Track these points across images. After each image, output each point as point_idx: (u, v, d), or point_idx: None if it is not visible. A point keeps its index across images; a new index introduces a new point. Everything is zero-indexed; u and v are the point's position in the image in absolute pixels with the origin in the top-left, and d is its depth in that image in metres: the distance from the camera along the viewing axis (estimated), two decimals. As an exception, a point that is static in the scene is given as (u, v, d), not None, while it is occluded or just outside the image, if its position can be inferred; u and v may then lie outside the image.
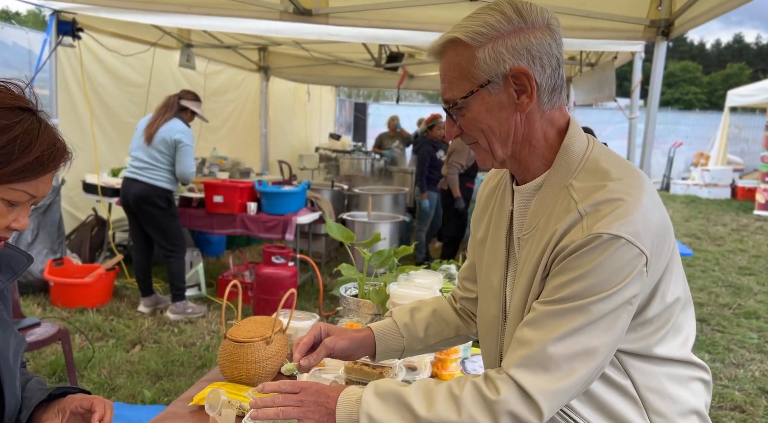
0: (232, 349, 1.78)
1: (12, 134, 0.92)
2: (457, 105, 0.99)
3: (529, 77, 0.96)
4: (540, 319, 0.95)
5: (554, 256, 0.96)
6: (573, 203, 0.96)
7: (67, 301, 4.55)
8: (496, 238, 1.15)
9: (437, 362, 1.95)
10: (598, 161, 1.01)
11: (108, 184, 5.07)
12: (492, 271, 1.15)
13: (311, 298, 5.10)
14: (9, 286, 1.13)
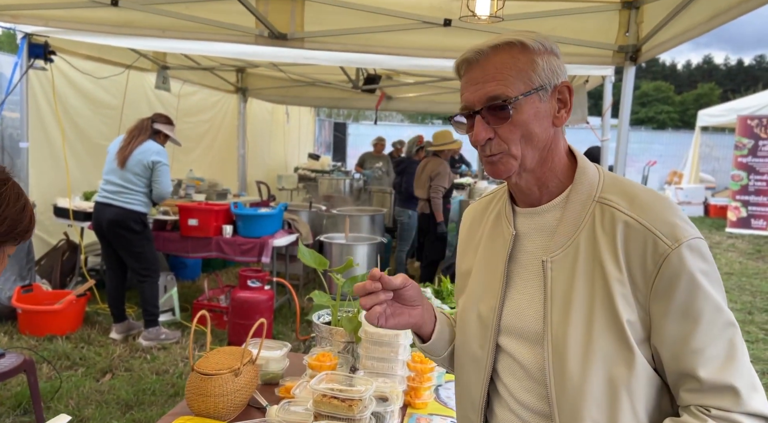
0: (199, 382, 1.74)
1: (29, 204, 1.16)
2: (512, 101, 0.97)
3: (571, 93, 1.01)
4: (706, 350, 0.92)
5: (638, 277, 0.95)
6: (624, 216, 0.97)
7: (35, 329, 4.42)
8: (489, 266, 1.12)
9: (410, 391, 1.93)
10: (614, 177, 1.05)
11: (80, 207, 4.98)
12: (480, 302, 1.12)
13: (288, 322, 5.03)
14: None
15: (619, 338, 0.95)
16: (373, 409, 1.50)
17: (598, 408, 0.96)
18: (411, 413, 1.88)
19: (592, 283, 0.97)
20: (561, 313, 0.99)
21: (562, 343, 0.98)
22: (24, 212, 1.14)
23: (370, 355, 1.87)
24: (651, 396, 0.97)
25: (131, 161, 4.23)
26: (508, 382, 1.08)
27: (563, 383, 0.98)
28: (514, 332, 1.07)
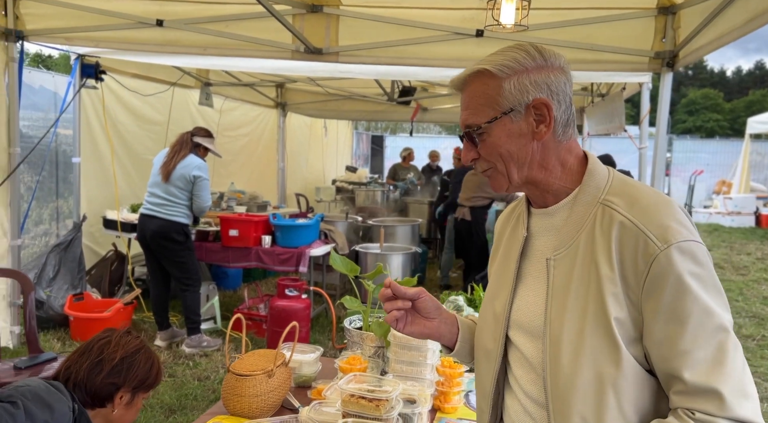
0: (234, 383, 1.81)
1: (158, 362, 1.59)
2: (480, 129, 1.06)
3: (549, 108, 1.04)
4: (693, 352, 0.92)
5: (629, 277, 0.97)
6: (621, 217, 1.00)
7: (86, 336, 4.62)
8: (504, 264, 1.19)
9: (440, 395, 1.95)
10: (624, 179, 1.08)
11: (128, 219, 5.19)
12: (496, 299, 1.18)
13: (325, 331, 5.10)
14: None
15: (607, 336, 0.97)
16: (400, 410, 1.53)
17: (585, 402, 0.98)
18: (440, 417, 1.89)
19: (588, 281, 1.00)
20: (558, 310, 1.03)
21: (558, 338, 1.02)
22: (151, 370, 1.57)
23: (399, 358, 1.90)
24: (642, 396, 0.98)
25: (174, 175, 4.40)
26: (517, 374, 1.13)
27: (556, 376, 1.01)
28: (521, 327, 1.12)
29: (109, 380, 1.50)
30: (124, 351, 1.54)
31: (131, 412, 1.53)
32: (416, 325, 1.22)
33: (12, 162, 4.20)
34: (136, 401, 1.55)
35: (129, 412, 1.53)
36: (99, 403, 1.51)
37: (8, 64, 4.10)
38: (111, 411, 1.52)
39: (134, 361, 1.52)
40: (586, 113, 6.87)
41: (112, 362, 1.51)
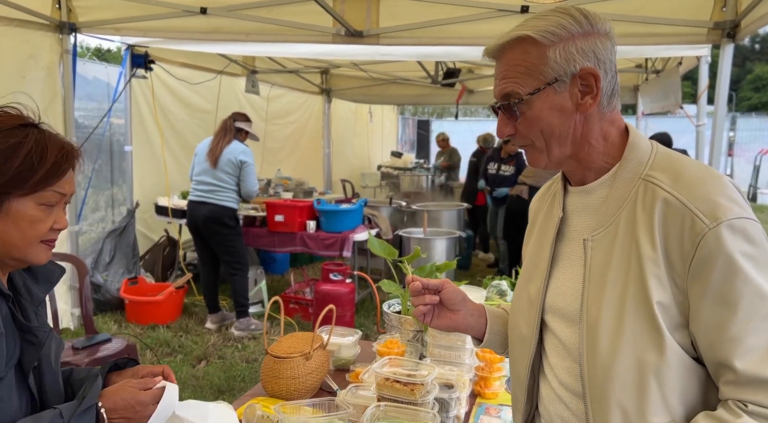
0: (272, 365, 1.82)
1: (26, 149, 1.05)
2: (521, 101, 0.98)
3: (597, 78, 0.97)
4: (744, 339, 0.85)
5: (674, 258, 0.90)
6: (664, 193, 0.92)
7: (140, 318, 4.81)
8: (539, 246, 1.13)
9: (480, 380, 1.91)
10: (668, 153, 1.00)
11: (178, 206, 5.34)
12: (530, 283, 1.13)
13: (370, 315, 5.12)
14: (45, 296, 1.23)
15: (649, 321, 0.90)
16: (436, 394, 1.50)
17: (625, 391, 0.92)
18: (480, 403, 1.85)
19: (628, 262, 0.94)
20: (596, 294, 0.97)
21: (595, 324, 0.96)
22: (7, 163, 1.04)
23: (437, 343, 1.86)
24: (688, 386, 0.91)
25: (222, 161, 4.49)
26: (553, 362, 1.08)
27: (594, 364, 0.95)
28: (556, 311, 1.06)
29: None
30: None
31: (19, 225, 1.05)
32: (443, 318, 1.20)
33: (68, 151, 4.37)
34: (16, 209, 1.05)
35: (14, 226, 1.05)
36: None
37: (63, 56, 4.26)
38: None
39: None
40: (640, 91, 6.57)
41: None
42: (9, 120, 1.08)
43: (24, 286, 1.18)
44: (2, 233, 1.06)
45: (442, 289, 1.18)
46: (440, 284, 1.18)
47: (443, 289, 1.18)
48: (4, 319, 1.04)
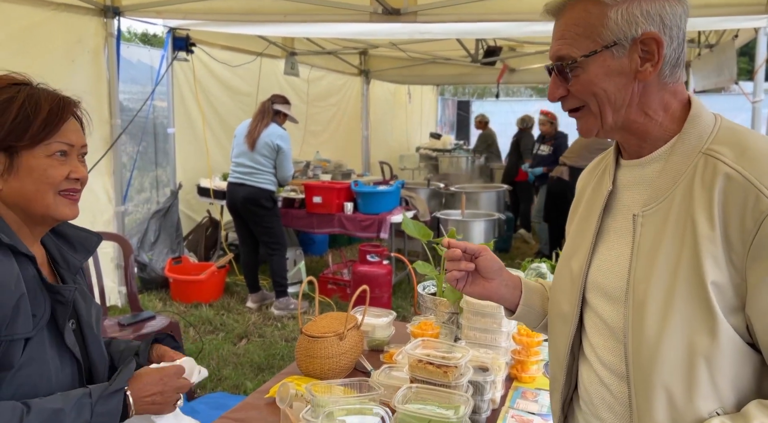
0: (307, 344, 1.83)
1: (18, 102, 1.08)
2: (575, 63, 0.94)
3: (660, 44, 0.91)
4: None
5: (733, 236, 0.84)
6: (727, 168, 0.86)
7: (184, 297, 4.95)
8: (585, 221, 1.09)
9: (516, 364, 1.87)
10: (733, 127, 0.94)
11: (220, 187, 5.43)
12: (573, 258, 1.09)
13: (407, 296, 5.12)
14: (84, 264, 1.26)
15: (701, 302, 0.85)
16: (470, 377, 1.47)
17: (672, 375, 0.87)
18: (516, 386, 1.82)
19: (682, 240, 0.88)
20: (645, 272, 0.92)
21: (642, 303, 0.91)
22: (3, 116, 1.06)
23: (472, 325, 1.83)
24: (741, 373, 0.86)
25: (259, 143, 4.53)
26: (594, 342, 1.03)
27: (639, 345, 0.91)
28: (599, 289, 1.02)
29: None
30: None
31: (33, 178, 1.07)
32: (476, 285, 1.18)
33: (113, 133, 4.50)
34: (26, 163, 1.07)
35: (29, 180, 1.07)
36: None
37: (107, 40, 4.35)
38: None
39: None
40: (692, 67, 6.26)
41: None
42: (2, 79, 1.11)
43: (59, 254, 1.21)
44: (20, 190, 1.08)
45: (480, 255, 1.16)
46: (479, 250, 1.16)
47: (480, 256, 1.16)
48: (29, 280, 1.06)
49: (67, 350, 1.12)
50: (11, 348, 1.01)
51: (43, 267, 1.16)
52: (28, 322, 1.03)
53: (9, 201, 1.09)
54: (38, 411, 0.98)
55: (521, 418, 1.62)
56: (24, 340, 1.03)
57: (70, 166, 1.11)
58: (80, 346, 1.17)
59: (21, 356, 1.03)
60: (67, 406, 1.01)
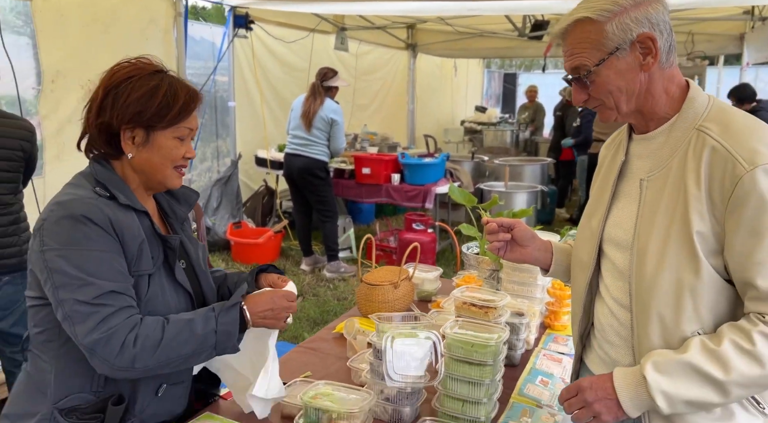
0: (366, 291, 2.14)
1: (163, 90, 1.29)
2: (590, 72, 1.14)
3: (654, 40, 1.12)
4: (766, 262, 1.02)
5: (715, 196, 1.06)
6: (713, 141, 1.08)
7: (244, 258, 5.37)
8: (603, 186, 1.33)
9: (550, 314, 2.14)
10: (722, 107, 1.16)
11: (275, 158, 5.79)
12: (593, 217, 1.33)
13: (450, 264, 5.39)
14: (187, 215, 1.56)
15: (688, 248, 1.08)
16: (507, 319, 1.74)
17: (664, 304, 1.12)
18: (549, 333, 2.08)
19: (676, 200, 1.11)
20: (647, 225, 1.16)
21: (644, 249, 1.15)
22: (151, 100, 1.27)
23: (511, 279, 2.09)
24: (718, 302, 1.09)
25: (315, 118, 4.85)
26: (607, 282, 1.28)
27: (640, 282, 1.15)
28: (612, 240, 1.26)
29: (98, 120, 1.29)
30: (108, 84, 1.30)
31: (161, 153, 1.30)
32: (514, 252, 1.45)
33: (181, 107, 4.87)
34: (158, 141, 1.30)
35: (157, 154, 1.30)
36: (114, 152, 1.33)
37: (176, 19, 4.70)
38: (127, 156, 1.31)
39: (119, 92, 1.28)
40: (746, 40, 6.17)
41: (96, 101, 1.30)
42: (148, 67, 1.32)
43: (168, 207, 1.50)
44: (147, 160, 1.32)
45: (514, 227, 1.42)
46: (513, 223, 1.42)
47: (515, 228, 1.42)
48: (146, 230, 1.34)
49: (180, 285, 1.40)
50: (140, 282, 1.31)
51: (155, 218, 1.44)
52: (149, 262, 1.33)
53: (136, 167, 1.35)
54: (175, 321, 1.28)
55: (552, 356, 1.89)
56: (148, 276, 1.32)
57: (186, 147, 1.35)
58: (192, 281, 1.45)
59: (147, 290, 1.32)
60: (197, 317, 1.30)
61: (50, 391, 1.28)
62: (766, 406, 1.11)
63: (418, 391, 1.48)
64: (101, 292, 1.20)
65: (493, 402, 1.48)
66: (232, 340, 1.30)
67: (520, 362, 1.83)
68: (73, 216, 1.22)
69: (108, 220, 1.25)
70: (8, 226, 2.32)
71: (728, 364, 1.03)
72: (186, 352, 1.25)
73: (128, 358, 1.19)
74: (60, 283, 1.20)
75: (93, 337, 1.18)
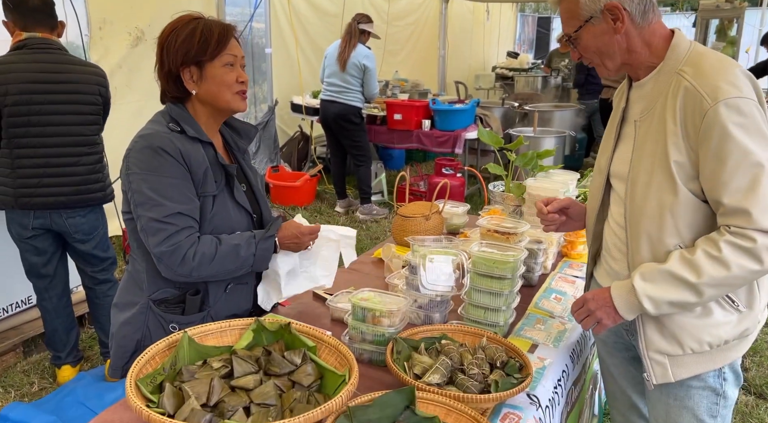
0: (400, 222, 2.39)
1: (200, 29, 1.53)
2: (572, 37, 1.38)
3: (619, 8, 1.32)
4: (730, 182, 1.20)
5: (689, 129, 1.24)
6: (686, 82, 1.25)
7: (282, 200, 5.68)
8: (610, 129, 1.54)
9: (567, 244, 2.36)
10: (699, 51, 1.33)
11: (310, 104, 5.99)
12: (602, 157, 1.55)
13: (477, 208, 5.61)
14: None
15: (668, 175, 1.29)
16: (526, 245, 1.97)
17: (650, 223, 1.34)
18: (566, 260, 2.31)
19: (657, 135, 1.32)
20: (638, 159, 1.37)
21: (636, 179, 1.37)
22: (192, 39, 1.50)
23: (532, 212, 2.28)
24: (695, 220, 1.30)
25: (349, 64, 5.01)
26: (612, 210, 1.51)
27: (632, 205, 1.38)
28: (616, 174, 1.47)
29: (164, 71, 1.56)
30: (161, 40, 1.56)
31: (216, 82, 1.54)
32: (567, 225, 1.69)
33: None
34: (210, 72, 1.54)
35: (213, 83, 1.54)
36: (183, 94, 1.58)
37: (215, -32, 4.85)
38: (193, 93, 1.57)
39: (169, 41, 1.53)
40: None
41: (158, 56, 1.57)
42: (186, 17, 1.57)
43: (232, 140, 1.76)
44: (208, 91, 1.55)
45: (569, 208, 1.65)
46: (567, 204, 1.65)
47: (569, 208, 1.65)
48: (211, 159, 1.60)
49: (241, 206, 1.67)
50: (206, 202, 1.57)
51: (220, 150, 1.70)
52: (213, 186, 1.59)
53: (203, 101, 1.60)
54: (226, 242, 1.55)
55: (566, 278, 2.13)
56: (212, 197, 1.59)
57: (237, 73, 1.56)
58: (252, 203, 1.72)
59: (212, 208, 1.59)
60: (242, 242, 1.57)
61: (145, 286, 1.60)
62: (740, 304, 1.34)
63: (446, 300, 1.74)
64: (170, 213, 1.48)
65: (511, 310, 1.73)
66: (266, 262, 1.63)
67: (537, 283, 2.08)
68: (152, 147, 1.49)
69: (179, 151, 1.51)
70: (95, 164, 2.62)
71: (700, 269, 1.24)
72: (230, 269, 1.56)
73: (188, 269, 1.49)
74: (139, 202, 1.49)
75: (161, 249, 1.47)
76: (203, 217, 1.57)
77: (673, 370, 1.38)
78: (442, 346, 1.48)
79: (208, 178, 1.57)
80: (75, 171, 2.55)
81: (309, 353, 1.36)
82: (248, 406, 1.19)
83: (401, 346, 1.46)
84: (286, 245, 1.67)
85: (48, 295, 2.71)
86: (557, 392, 1.54)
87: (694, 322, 1.35)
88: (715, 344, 1.35)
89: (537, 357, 1.60)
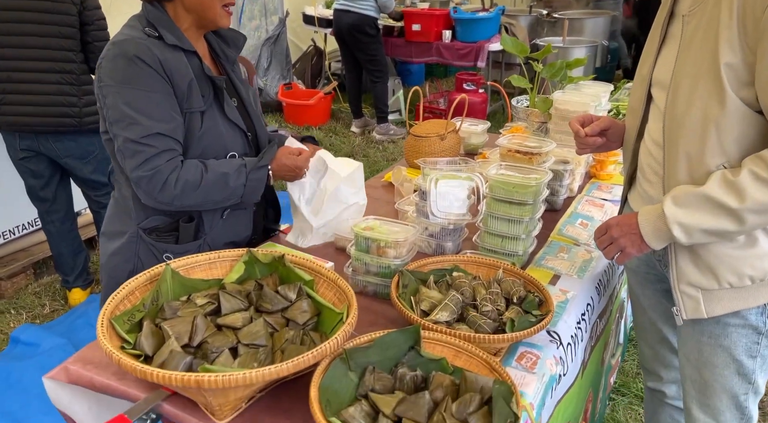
0: (413, 143, 2.20)
1: None
2: None
3: None
4: None
5: (748, 23, 1.03)
6: None
7: (296, 120, 5.48)
8: (654, 29, 1.29)
9: (596, 164, 2.16)
10: None
11: (323, 15, 5.62)
12: (644, 64, 1.32)
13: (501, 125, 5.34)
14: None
15: (715, 80, 1.07)
16: (551, 166, 1.77)
17: (690, 141, 1.14)
18: (594, 181, 2.12)
19: (708, 31, 1.09)
20: (683, 63, 1.15)
21: (678, 86, 1.15)
22: None
23: (558, 129, 2.09)
24: (746, 134, 1.09)
25: (362, -30, 4.61)
26: (650, 126, 1.30)
27: (671, 119, 1.18)
28: (657, 83, 1.26)
29: None
30: None
31: None
32: (602, 146, 1.49)
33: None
34: None
35: None
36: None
37: None
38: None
39: None
40: None
41: None
42: None
43: (219, 48, 1.57)
44: (197, 3, 1.40)
45: (608, 129, 1.43)
46: (608, 125, 1.43)
47: (609, 129, 1.43)
48: (195, 69, 1.42)
49: (233, 122, 1.50)
50: (192, 119, 1.41)
51: (207, 60, 1.51)
52: (200, 100, 1.41)
53: (188, 6, 1.41)
54: (213, 170, 1.40)
55: (593, 202, 1.95)
56: (200, 113, 1.42)
57: None
58: (245, 119, 1.55)
59: (201, 126, 1.42)
60: (231, 171, 1.42)
61: (133, 214, 1.47)
62: None
63: (460, 228, 1.59)
64: (148, 133, 1.32)
65: (531, 238, 1.57)
66: (258, 194, 1.47)
67: (561, 207, 1.90)
68: (126, 55, 1.32)
69: (158, 60, 1.33)
70: (64, 84, 2.40)
71: (744, 193, 1.06)
72: (217, 199, 1.43)
73: (169, 196, 1.36)
74: (113, 119, 1.34)
75: (138, 173, 1.33)
76: (191, 136, 1.41)
77: (707, 305, 1.22)
78: (453, 279, 1.34)
79: (193, 91, 1.40)
80: (38, 89, 2.36)
81: (305, 288, 1.23)
82: (236, 347, 1.08)
83: (408, 279, 1.33)
84: (281, 176, 1.53)
85: (50, 219, 2.65)
86: (581, 327, 1.41)
87: (735, 252, 1.17)
88: (758, 278, 1.18)
89: (559, 289, 1.46)
